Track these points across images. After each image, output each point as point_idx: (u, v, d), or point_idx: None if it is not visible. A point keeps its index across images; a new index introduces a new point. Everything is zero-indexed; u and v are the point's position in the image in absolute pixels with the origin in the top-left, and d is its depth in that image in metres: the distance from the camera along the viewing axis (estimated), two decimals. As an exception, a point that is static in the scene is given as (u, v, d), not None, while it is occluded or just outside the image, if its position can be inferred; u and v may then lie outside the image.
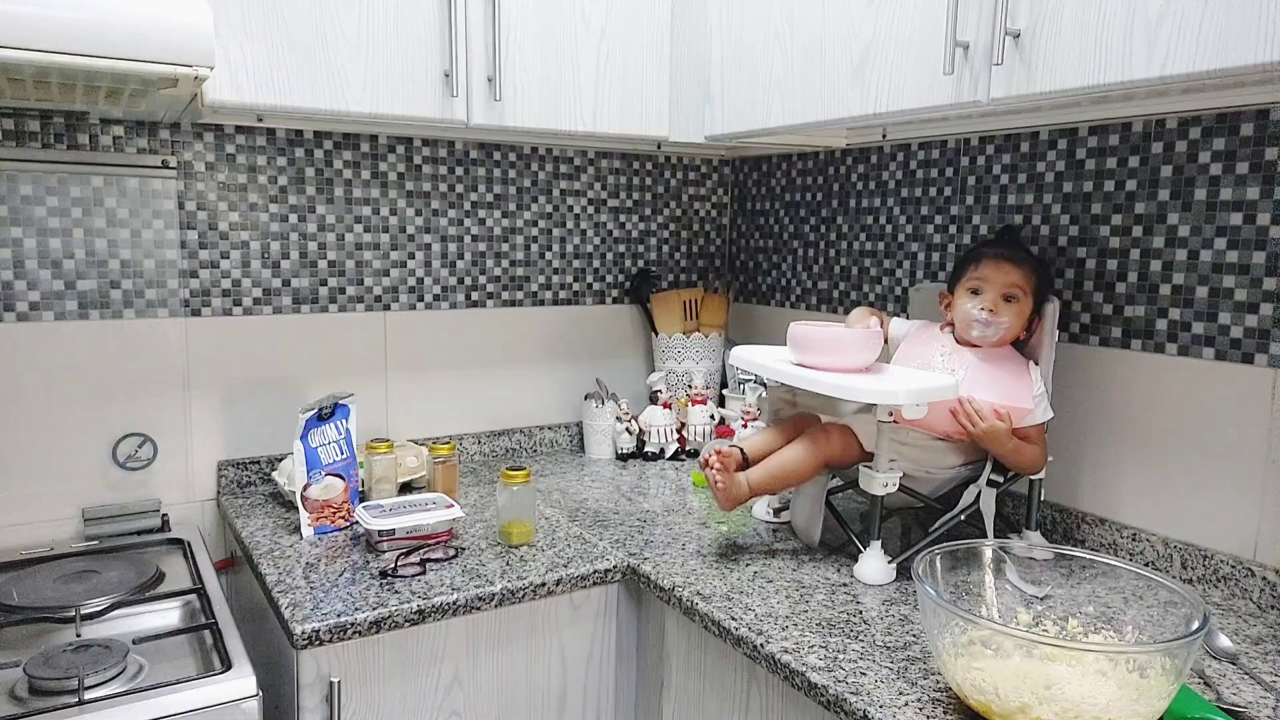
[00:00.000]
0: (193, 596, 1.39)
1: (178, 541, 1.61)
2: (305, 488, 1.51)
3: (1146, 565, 1.39)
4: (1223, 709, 0.95)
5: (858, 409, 1.47)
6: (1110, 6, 1.05)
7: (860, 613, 1.22)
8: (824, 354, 1.36)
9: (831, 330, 1.39)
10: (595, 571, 1.39)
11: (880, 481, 1.31)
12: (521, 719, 1.40)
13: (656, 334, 2.13)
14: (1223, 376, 1.31)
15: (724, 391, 2.13)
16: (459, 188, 1.96)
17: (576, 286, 2.12)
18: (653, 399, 2.07)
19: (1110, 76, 1.06)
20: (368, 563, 1.40)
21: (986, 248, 1.46)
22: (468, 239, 1.98)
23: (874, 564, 1.32)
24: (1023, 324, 1.41)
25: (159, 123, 1.66)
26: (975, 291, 1.41)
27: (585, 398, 2.06)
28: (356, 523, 1.55)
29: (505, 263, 2.03)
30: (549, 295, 2.09)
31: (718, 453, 1.40)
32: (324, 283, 1.83)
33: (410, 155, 1.89)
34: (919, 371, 1.41)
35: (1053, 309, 1.42)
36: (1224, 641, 1.12)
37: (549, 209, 2.07)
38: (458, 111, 1.55)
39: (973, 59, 1.21)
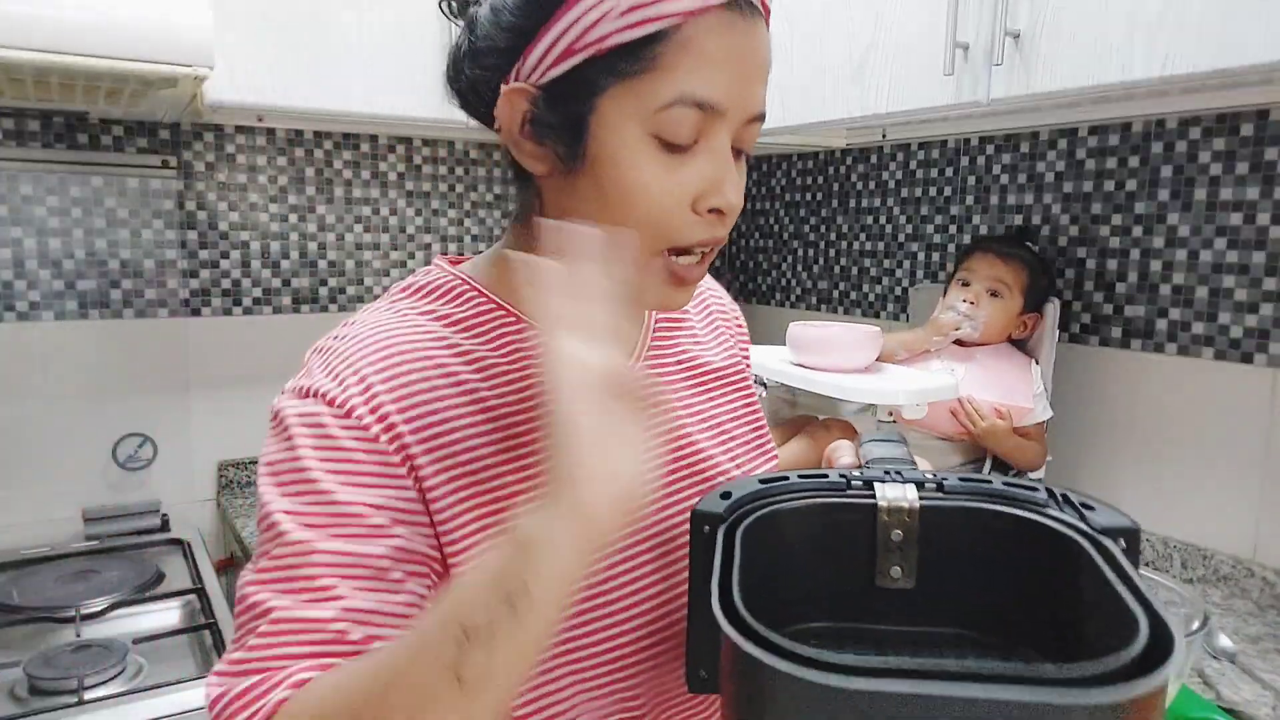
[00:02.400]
0: (193, 596, 1.39)
1: (178, 541, 1.61)
2: (305, 488, 1.51)
3: (1146, 565, 1.39)
4: (1223, 709, 0.95)
5: (858, 409, 1.47)
6: (1110, 6, 1.05)
7: (860, 613, 1.22)
8: (823, 354, 1.36)
9: (831, 330, 1.39)
10: (595, 571, 1.39)
11: (880, 481, 1.31)
12: (521, 719, 1.40)
13: (656, 334, 2.13)
14: (1223, 376, 1.31)
15: (724, 391, 2.13)
16: (459, 188, 1.96)
17: (576, 286, 2.12)
18: (653, 399, 2.06)
19: (1110, 76, 1.06)
20: (368, 563, 1.39)
21: (984, 241, 1.46)
22: (468, 239, 1.98)
23: (874, 564, 1.32)
24: (1009, 321, 1.41)
25: (159, 123, 1.66)
26: (965, 284, 1.43)
27: (585, 398, 2.06)
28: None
29: (505, 263, 2.03)
30: (549, 295, 2.09)
31: None
32: (324, 283, 1.83)
33: (410, 155, 1.89)
34: (919, 371, 1.41)
35: (1053, 309, 1.42)
36: (1224, 641, 1.12)
37: (549, 209, 2.07)
38: (457, 111, 1.55)
39: (973, 59, 1.21)
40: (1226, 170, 1.30)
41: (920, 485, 0.55)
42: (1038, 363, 1.41)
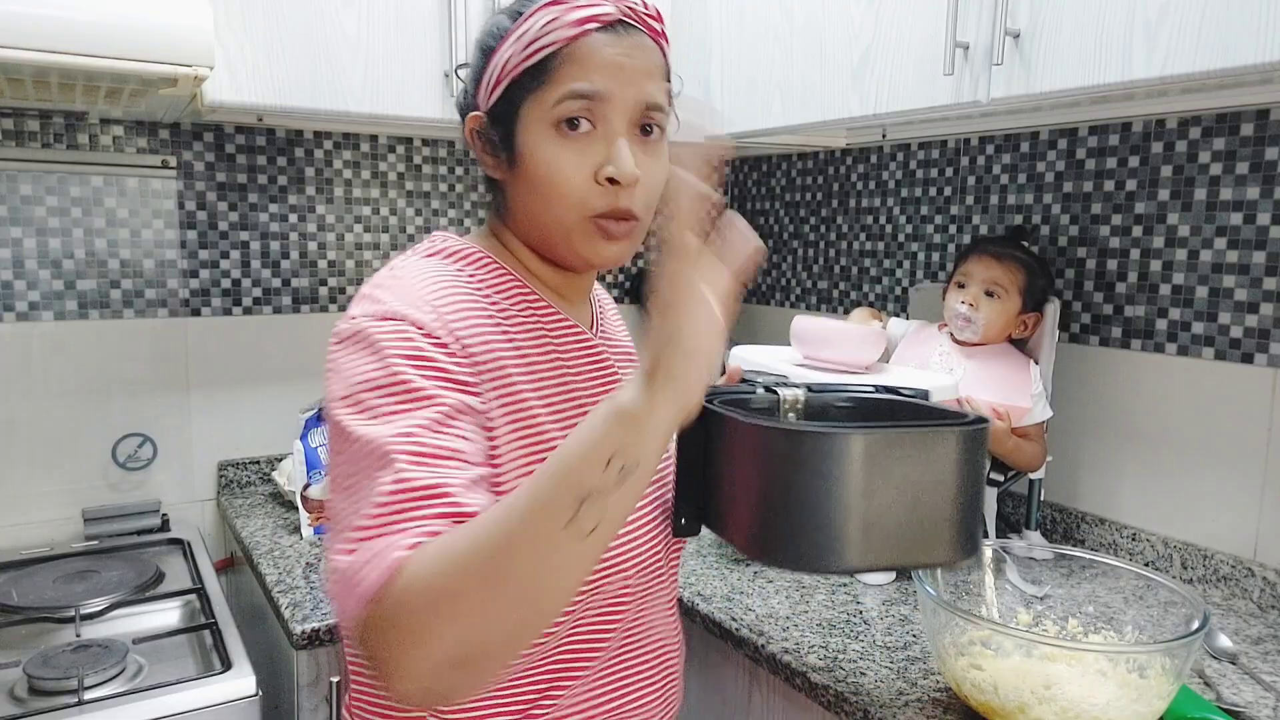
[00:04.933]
0: (193, 596, 1.39)
1: (178, 541, 1.61)
2: (305, 488, 1.51)
3: (1146, 565, 1.39)
4: (1223, 709, 0.95)
5: (858, 409, 1.47)
6: (1110, 6, 1.05)
7: (860, 613, 1.22)
8: (828, 347, 1.36)
9: (835, 324, 1.39)
10: (595, 571, 1.39)
11: (880, 481, 1.31)
12: (521, 719, 1.40)
13: (656, 334, 2.13)
14: (1223, 376, 1.31)
15: (724, 391, 2.12)
16: (459, 188, 1.96)
17: (576, 286, 2.12)
18: (653, 399, 2.06)
19: (1110, 76, 1.06)
20: (368, 563, 1.39)
21: (980, 243, 1.47)
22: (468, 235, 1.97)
23: (874, 564, 1.32)
24: (1008, 321, 1.41)
25: (159, 123, 1.66)
26: (962, 285, 1.43)
27: (585, 398, 2.06)
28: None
29: (505, 263, 2.03)
30: (549, 295, 2.09)
31: None
32: (324, 283, 1.83)
33: (410, 155, 1.89)
34: (919, 371, 1.41)
35: (1053, 309, 1.42)
36: (1224, 641, 1.12)
37: (549, 209, 2.06)
38: (456, 112, 1.55)
39: (973, 59, 1.21)
40: (1226, 170, 1.30)
41: (804, 388, 0.86)
42: (1037, 363, 1.41)
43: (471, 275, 0.77)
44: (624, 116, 0.73)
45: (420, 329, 0.68)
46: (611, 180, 0.73)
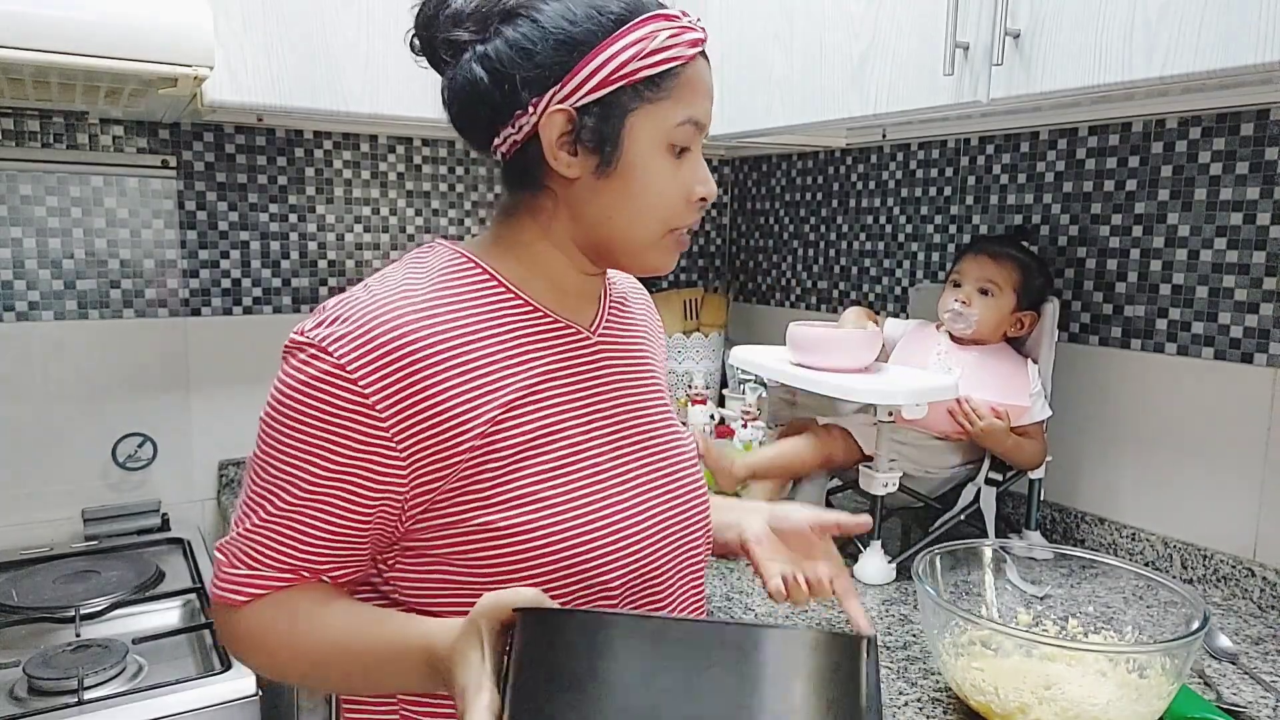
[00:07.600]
0: (193, 596, 1.39)
1: (178, 541, 1.61)
2: (305, 488, 1.51)
3: (1146, 565, 1.39)
4: (1223, 709, 0.95)
5: (857, 409, 1.47)
6: (1110, 6, 1.05)
7: (860, 613, 1.22)
8: (823, 354, 1.36)
9: (831, 331, 1.39)
10: (595, 571, 1.39)
11: (880, 481, 1.31)
12: (521, 719, 1.40)
13: (656, 334, 2.13)
14: (1223, 376, 1.31)
15: (724, 391, 2.13)
16: (459, 188, 1.96)
17: (576, 286, 2.12)
18: (653, 399, 2.06)
19: (1110, 76, 1.06)
20: (368, 563, 1.39)
21: (977, 242, 1.47)
22: (467, 239, 1.97)
23: (874, 564, 1.32)
24: (1001, 319, 1.41)
25: (159, 123, 1.66)
26: (957, 284, 1.44)
27: (585, 398, 2.05)
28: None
29: (505, 263, 2.02)
30: (549, 295, 2.09)
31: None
32: (324, 283, 1.83)
33: (410, 155, 1.89)
34: (918, 371, 1.41)
35: (1052, 309, 1.42)
36: (1224, 641, 1.12)
37: (549, 209, 2.06)
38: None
39: (973, 59, 1.20)
40: (1226, 170, 1.30)
41: None
42: (1035, 362, 1.41)
43: (452, 289, 0.76)
44: (700, 140, 0.80)
45: (336, 360, 0.68)
46: (701, 199, 0.79)
